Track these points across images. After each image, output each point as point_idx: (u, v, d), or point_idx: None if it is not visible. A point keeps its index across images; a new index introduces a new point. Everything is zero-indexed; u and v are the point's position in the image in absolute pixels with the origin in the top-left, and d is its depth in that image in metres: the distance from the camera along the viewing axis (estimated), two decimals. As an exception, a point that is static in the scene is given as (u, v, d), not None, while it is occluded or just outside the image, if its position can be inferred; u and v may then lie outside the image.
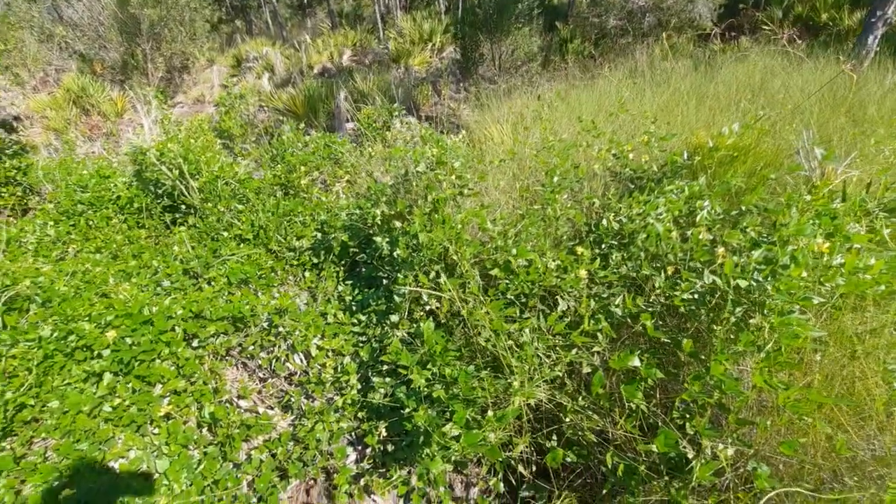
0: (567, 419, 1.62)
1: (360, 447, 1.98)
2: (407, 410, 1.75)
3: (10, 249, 3.04)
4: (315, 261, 2.96)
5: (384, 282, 2.59)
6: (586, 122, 2.72)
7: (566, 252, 1.97)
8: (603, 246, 2.02)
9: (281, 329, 2.28)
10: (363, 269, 2.94)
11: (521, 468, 1.67)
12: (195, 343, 2.18)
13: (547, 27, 8.97)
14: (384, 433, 1.87)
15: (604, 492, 1.54)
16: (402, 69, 8.51)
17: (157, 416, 1.87)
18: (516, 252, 1.98)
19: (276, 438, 1.90)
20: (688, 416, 1.51)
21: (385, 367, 2.02)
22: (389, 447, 1.89)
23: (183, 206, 3.42)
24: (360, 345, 2.33)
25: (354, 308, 2.51)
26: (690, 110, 3.19)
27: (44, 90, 7.62)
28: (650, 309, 1.63)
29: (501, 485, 1.66)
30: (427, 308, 2.13)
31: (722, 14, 8.80)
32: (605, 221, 2.05)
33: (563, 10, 10.04)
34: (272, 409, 2.16)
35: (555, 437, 1.69)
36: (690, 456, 1.39)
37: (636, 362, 1.44)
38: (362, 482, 1.82)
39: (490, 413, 1.53)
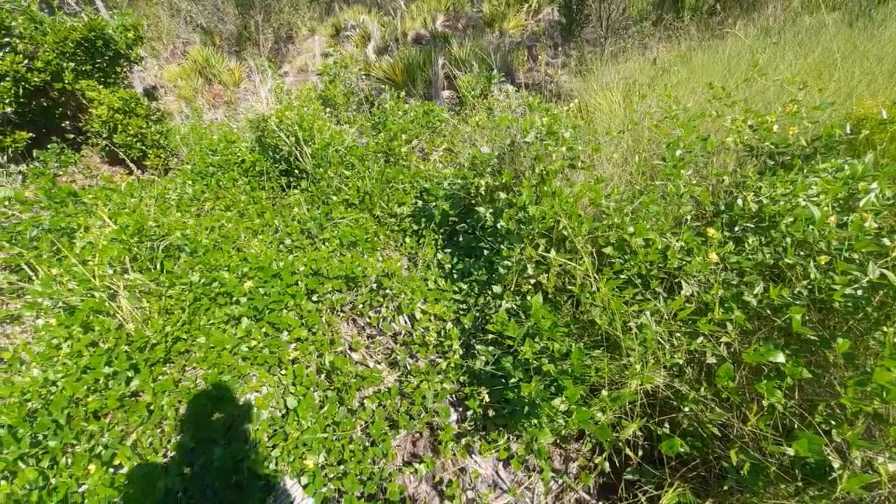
0: (686, 409, 1.54)
1: (460, 409, 2.07)
2: (512, 381, 1.78)
3: (158, 204, 3.50)
4: (415, 228, 3.05)
5: (485, 252, 2.61)
6: (716, 89, 2.45)
7: (693, 233, 1.82)
8: (736, 228, 1.84)
9: (388, 291, 2.41)
10: (461, 238, 2.98)
11: (627, 450, 1.64)
12: (314, 297, 2.38)
13: (660, -19, 8.08)
14: (487, 399, 1.92)
15: (724, 488, 1.46)
16: (496, 33, 8.23)
17: (286, 359, 2.09)
18: (633, 230, 1.87)
19: (385, 391, 2.04)
20: (833, 422, 1.37)
21: (490, 336, 2.06)
22: (490, 412, 1.95)
23: (296, 171, 3.68)
24: (461, 312, 2.39)
25: (455, 276, 2.56)
26: (848, 74, 2.73)
27: (174, 61, 8.50)
28: (797, 302, 1.47)
29: (606, 464, 1.65)
30: (533, 281, 2.12)
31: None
32: (740, 201, 1.85)
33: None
34: (379, 364, 2.31)
35: (667, 425, 1.63)
36: (836, 465, 1.26)
37: (780, 358, 1.31)
38: (463, 442, 1.90)
39: (604, 392, 1.50)
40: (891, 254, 1.35)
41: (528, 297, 1.97)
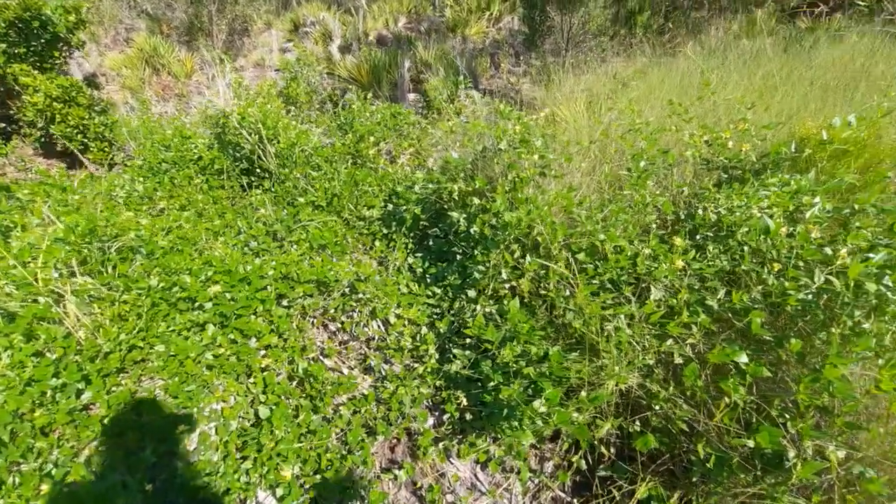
0: (657, 407, 1.63)
1: (436, 413, 2.07)
2: (491, 384, 1.81)
3: (105, 202, 3.25)
4: (385, 231, 3.03)
5: (458, 257, 2.63)
6: (675, 105, 2.62)
7: (657, 241, 1.94)
8: (698, 237, 1.97)
9: (362, 295, 2.38)
10: (432, 243, 2.98)
11: (602, 449, 1.71)
12: (284, 302, 2.30)
13: (613, -2, 8.49)
14: (465, 402, 1.94)
15: (691, 480, 1.56)
16: (458, 39, 8.32)
17: (256, 367, 2.01)
18: (605, 237, 1.96)
19: (361, 397, 2.01)
20: (787, 415, 1.50)
21: (468, 341, 2.08)
22: (467, 416, 1.97)
23: (258, 170, 3.54)
24: (435, 317, 2.40)
25: (428, 280, 2.57)
26: (787, 97, 2.99)
27: (115, 48, 7.92)
28: (756, 306, 1.60)
29: (583, 462, 1.71)
30: (508, 286, 2.16)
31: (810, -13, 8.06)
32: (700, 211, 1.99)
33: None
34: (352, 369, 2.27)
35: (638, 423, 1.72)
36: (791, 454, 1.39)
37: (743, 358, 1.42)
38: (440, 446, 1.91)
39: (583, 394, 1.56)
40: (834, 262, 1.50)
41: (506, 302, 2.01)
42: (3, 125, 4.21)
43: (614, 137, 2.42)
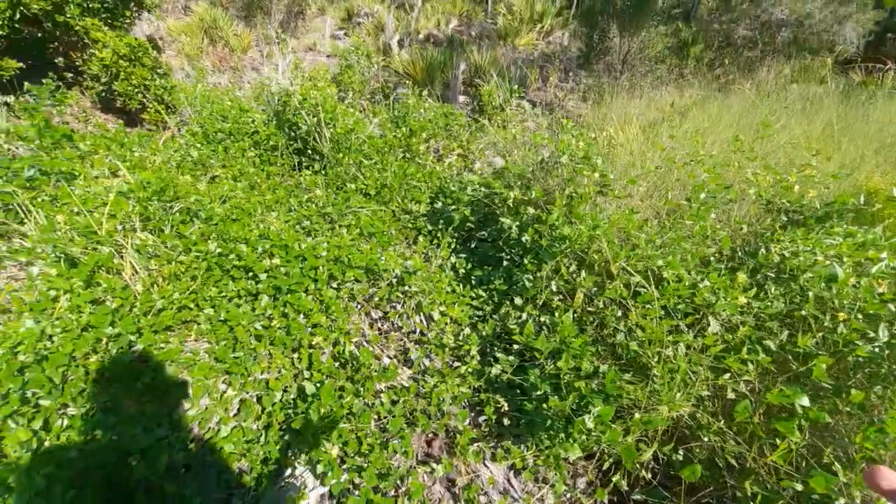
0: (705, 438, 1.63)
1: (472, 414, 2.09)
2: (537, 393, 1.82)
3: (159, 166, 3.33)
4: (430, 228, 3.06)
5: (504, 263, 2.65)
6: (739, 142, 2.62)
7: (716, 273, 1.94)
8: (758, 276, 1.97)
9: (408, 288, 2.40)
10: (476, 245, 3.01)
11: (644, 472, 1.71)
12: (334, 284, 2.34)
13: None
14: (506, 407, 1.96)
15: (734, 516, 1.56)
16: (508, 47, 8.36)
17: (305, 343, 2.05)
18: (663, 263, 1.97)
19: (402, 388, 2.03)
20: (837, 463, 1.50)
21: (513, 346, 2.09)
22: (505, 421, 1.98)
23: (310, 152, 3.60)
24: (477, 318, 2.42)
25: (473, 282, 2.59)
26: (848, 148, 2.98)
27: (172, 15, 8.09)
28: (819, 352, 1.59)
29: (624, 482, 1.72)
30: (558, 298, 2.17)
31: (869, 42, 7.99)
32: (763, 250, 1.99)
33: (686, 9, 9.43)
34: (391, 359, 2.30)
35: (681, 451, 1.72)
36: (840, 502, 1.38)
37: (805, 402, 1.42)
38: (476, 447, 1.92)
39: (637, 416, 1.57)
40: (902, 320, 1.49)
41: (557, 314, 2.03)
42: (72, 75, 4.32)
43: (677, 166, 2.43)
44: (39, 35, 4.27)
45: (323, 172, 3.39)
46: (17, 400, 1.66)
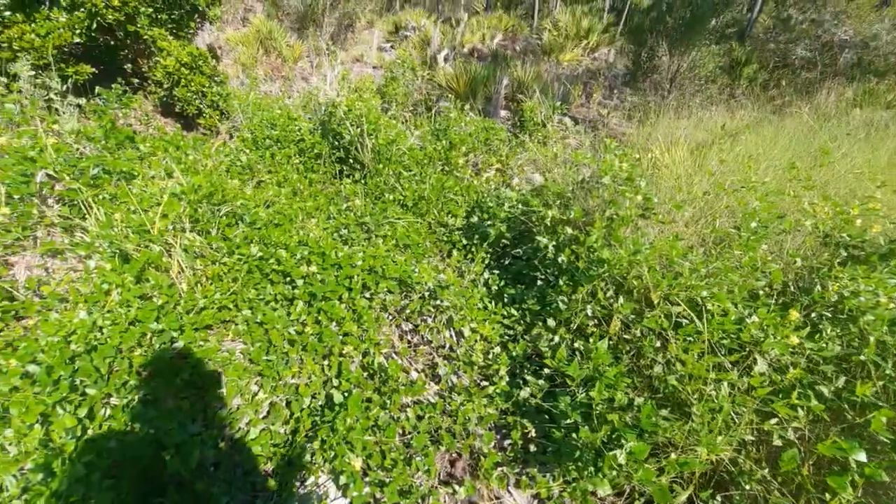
0: (746, 486, 1.53)
1: (498, 437, 2.04)
2: (567, 421, 1.77)
3: (211, 170, 3.49)
4: (464, 242, 3.05)
5: (538, 282, 2.60)
6: (796, 170, 2.48)
7: (766, 309, 1.83)
8: (812, 315, 1.85)
9: (440, 302, 2.40)
10: (509, 262, 2.98)
11: (676, 516, 1.62)
12: (367, 294, 2.36)
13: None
14: (533, 433, 1.91)
15: (777, 574, 1.44)
16: (552, 63, 8.33)
17: (336, 351, 2.07)
18: (708, 294, 1.88)
19: (428, 404, 2.02)
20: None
21: (545, 371, 2.04)
22: (531, 447, 1.93)
23: (351, 161, 3.68)
24: (507, 337, 2.38)
25: (505, 300, 2.55)
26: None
27: (231, 26, 8.55)
28: (879, 403, 1.47)
29: (654, 525, 1.63)
30: (593, 322, 2.11)
31: (944, 65, 7.45)
32: (819, 287, 1.86)
33: (741, 28, 9.11)
34: (419, 373, 2.29)
35: (719, 498, 1.61)
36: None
37: (861, 456, 1.31)
38: (499, 471, 1.87)
39: (673, 456, 1.49)
40: None
41: (592, 340, 1.97)
42: (138, 81, 4.62)
43: (727, 192, 2.32)
44: (112, 43, 4.60)
45: (363, 182, 3.46)
46: (66, 387, 1.75)
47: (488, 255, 2.93)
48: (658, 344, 1.89)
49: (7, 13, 3.82)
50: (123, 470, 1.67)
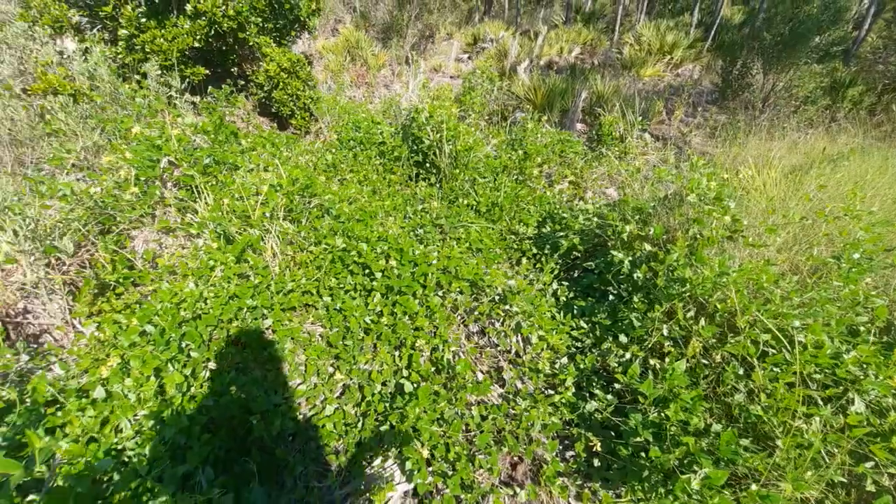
0: (836, 533, 1.42)
1: (560, 447, 2.04)
2: (637, 439, 1.73)
3: (302, 166, 3.77)
4: (535, 251, 3.06)
5: (610, 297, 2.56)
6: (913, 201, 2.26)
7: (867, 345, 1.69)
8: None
9: (510, 307, 2.43)
10: (579, 275, 2.95)
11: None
12: (440, 293, 2.45)
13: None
14: (598, 447, 1.88)
15: None
16: (631, 77, 8.11)
17: (409, 343, 2.17)
18: (801, 325, 1.77)
19: (493, 405, 2.06)
20: None
21: (616, 386, 2.02)
22: (595, 461, 1.90)
23: (428, 165, 3.83)
24: (575, 349, 2.36)
25: (575, 311, 2.54)
26: None
27: (322, 36, 9.17)
28: None
29: (725, 560, 1.55)
30: (669, 342, 2.05)
31: None
32: (937, 330, 1.69)
33: (847, 47, 8.37)
34: (484, 374, 2.33)
35: (802, 542, 1.51)
36: None
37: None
38: (561, 480, 1.87)
39: (753, 487, 1.42)
40: None
41: (668, 361, 1.91)
42: (245, 83, 5.10)
43: (828, 219, 2.17)
44: (223, 48, 5.11)
45: (438, 185, 3.58)
46: (175, 347, 1.98)
47: (558, 266, 2.92)
48: (741, 371, 1.81)
49: (143, 20, 4.38)
50: (218, 427, 1.86)
